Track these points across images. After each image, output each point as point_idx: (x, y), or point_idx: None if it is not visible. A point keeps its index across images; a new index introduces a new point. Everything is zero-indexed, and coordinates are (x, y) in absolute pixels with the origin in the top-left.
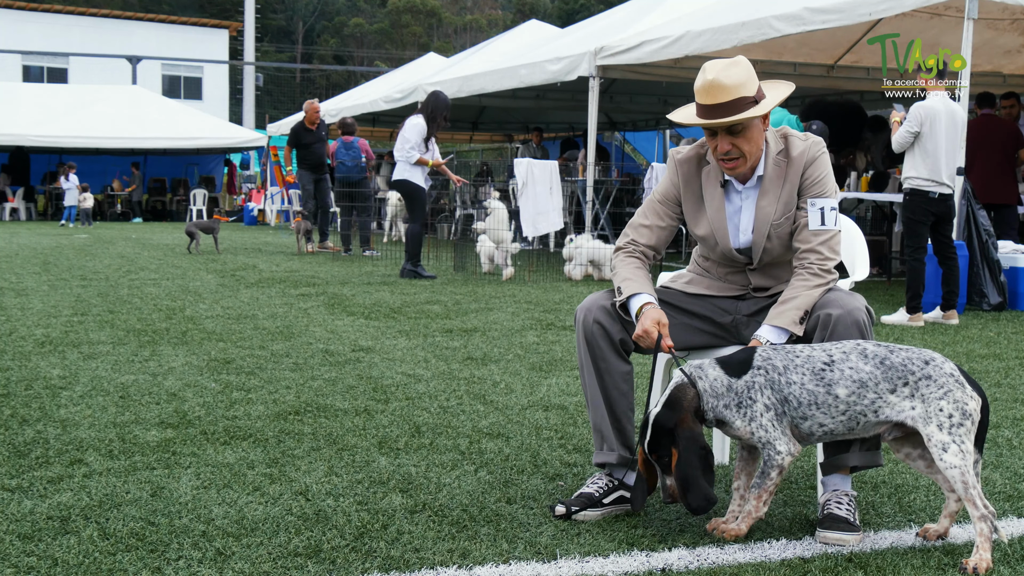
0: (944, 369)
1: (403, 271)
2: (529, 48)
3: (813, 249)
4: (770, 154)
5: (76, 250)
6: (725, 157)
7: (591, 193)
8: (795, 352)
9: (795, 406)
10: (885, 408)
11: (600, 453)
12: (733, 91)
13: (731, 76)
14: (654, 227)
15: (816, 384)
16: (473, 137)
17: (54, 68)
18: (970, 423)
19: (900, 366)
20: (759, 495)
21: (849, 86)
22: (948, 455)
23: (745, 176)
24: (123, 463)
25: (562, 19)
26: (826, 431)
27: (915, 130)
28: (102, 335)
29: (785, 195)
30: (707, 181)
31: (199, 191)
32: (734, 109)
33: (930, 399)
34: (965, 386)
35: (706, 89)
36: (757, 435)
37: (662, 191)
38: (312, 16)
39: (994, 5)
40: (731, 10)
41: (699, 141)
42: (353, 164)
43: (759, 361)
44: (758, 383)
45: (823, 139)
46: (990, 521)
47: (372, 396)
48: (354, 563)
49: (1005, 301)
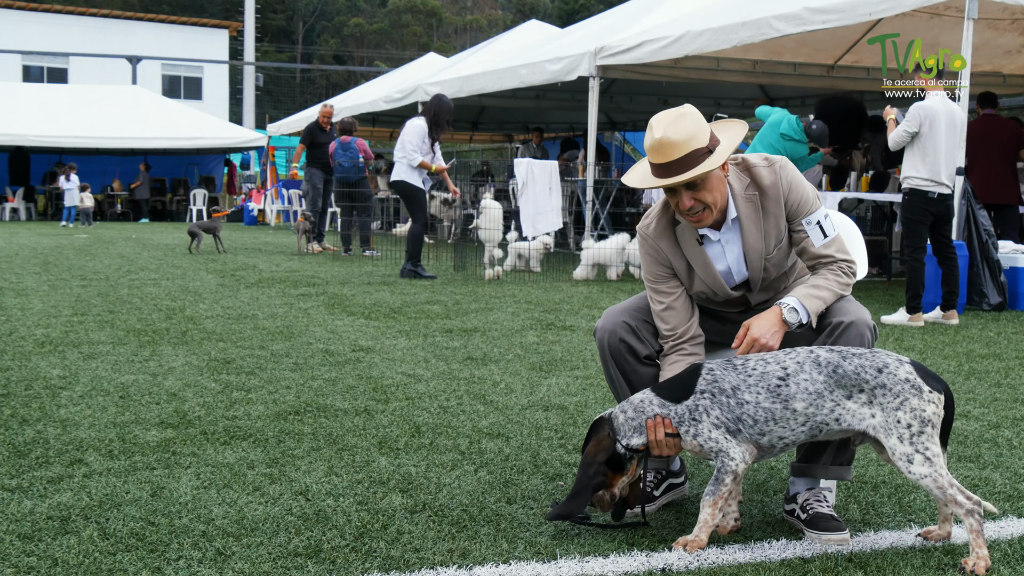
0: (898, 375)
1: (403, 271)
2: (529, 48)
3: (833, 258)
4: (738, 193)
5: (76, 250)
6: (689, 213)
7: (591, 193)
8: (747, 371)
9: (751, 424)
10: (846, 415)
11: None
12: (683, 146)
13: (679, 131)
14: (670, 307)
15: (772, 401)
16: (473, 137)
17: (54, 68)
18: (931, 428)
19: (853, 374)
20: (714, 502)
21: (849, 86)
22: (915, 466)
23: (718, 222)
24: (123, 463)
25: (562, 19)
26: (788, 443)
27: (913, 130)
28: (102, 335)
29: (771, 227)
30: (684, 241)
31: (199, 191)
32: (688, 164)
33: (888, 409)
34: (922, 389)
35: (656, 148)
36: (707, 447)
37: (651, 271)
38: (312, 16)
39: (994, 5)
40: (731, 10)
41: (660, 203)
42: (351, 164)
43: (703, 385)
44: (702, 406)
45: (823, 137)
46: (978, 513)
47: (372, 396)
48: (354, 563)
49: (1005, 301)
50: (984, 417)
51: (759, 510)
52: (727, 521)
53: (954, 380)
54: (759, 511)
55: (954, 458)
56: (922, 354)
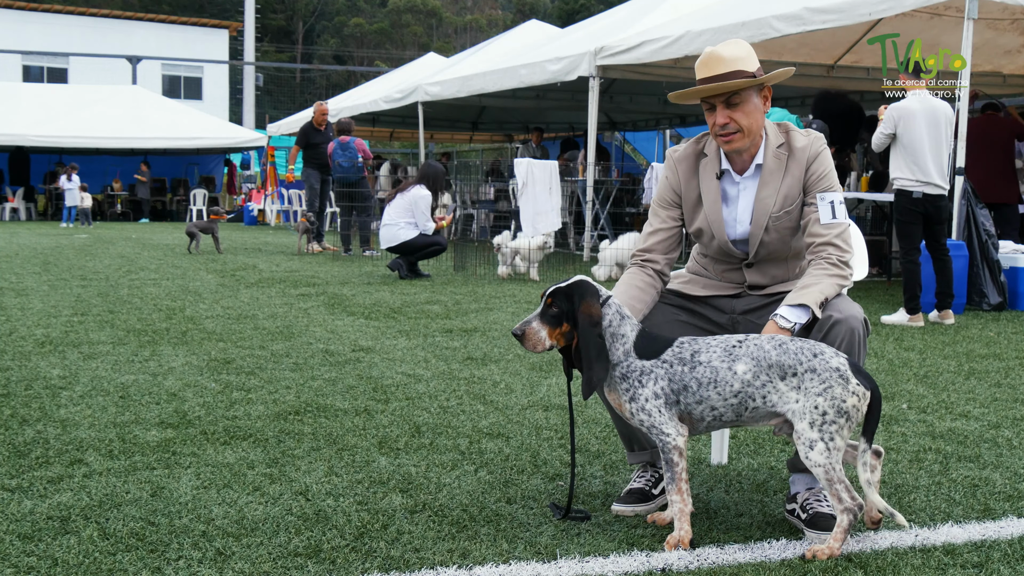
0: (830, 363)
1: (401, 271)
2: (529, 48)
3: (830, 242)
4: (770, 145)
5: (76, 250)
6: (723, 131)
7: (591, 193)
8: (709, 340)
9: (694, 389)
10: (772, 395)
11: (634, 454)
12: (731, 63)
13: (730, 49)
14: (656, 231)
15: (722, 360)
16: (473, 137)
17: (54, 68)
18: (844, 419)
19: (794, 353)
20: (677, 488)
21: (849, 86)
22: (814, 453)
23: (744, 164)
24: (123, 463)
25: (562, 19)
26: (716, 415)
27: (888, 131)
28: (102, 335)
29: (785, 188)
30: (704, 174)
31: (199, 191)
32: (731, 79)
33: (809, 393)
34: (848, 381)
35: (704, 61)
36: (638, 418)
37: (660, 193)
38: (312, 16)
39: (994, 5)
40: (731, 10)
41: (695, 137)
42: (349, 165)
43: (669, 355)
44: (656, 374)
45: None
46: (855, 513)
47: (372, 396)
48: (354, 563)
49: (1005, 301)
50: (984, 417)
51: (759, 510)
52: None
53: (954, 380)
54: (759, 511)
55: (954, 458)
56: (922, 354)
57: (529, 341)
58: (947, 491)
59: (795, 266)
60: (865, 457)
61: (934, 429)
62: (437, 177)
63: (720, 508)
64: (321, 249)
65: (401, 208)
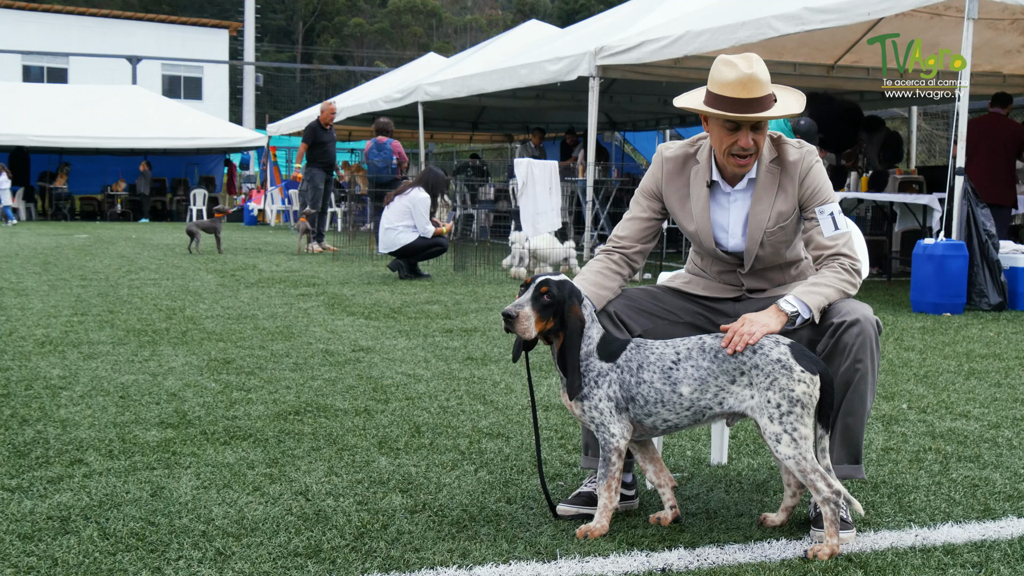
0: (771, 355)
1: (401, 272)
2: (529, 48)
3: (839, 252)
4: (763, 159)
5: (76, 250)
6: (742, 153)
7: (591, 193)
8: (650, 351)
9: (642, 404)
10: (729, 399)
11: (588, 459)
12: (767, 86)
13: (763, 72)
14: (634, 219)
15: (663, 383)
16: (473, 137)
17: (54, 68)
18: (800, 408)
19: (733, 358)
20: (608, 484)
21: (849, 86)
22: (781, 446)
23: (736, 177)
24: (123, 463)
25: (562, 19)
26: (671, 425)
27: None
28: (102, 335)
29: (780, 204)
30: (694, 180)
31: (199, 191)
32: (766, 104)
33: (760, 389)
34: (792, 370)
35: (743, 83)
36: (589, 415)
37: (643, 184)
38: (312, 16)
39: (994, 5)
40: (731, 10)
41: (689, 140)
42: (384, 165)
43: (622, 360)
44: (610, 377)
45: (811, 134)
46: (835, 502)
47: (372, 396)
48: (354, 563)
49: (1005, 301)
50: (984, 417)
51: (759, 510)
52: (666, 512)
53: (954, 380)
54: (759, 511)
55: (954, 458)
56: (922, 354)
57: (520, 325)
58: (947, 491)
59: (792, 269)
60: (824, 443)
61: (934, 429)
62: (437, 181)
63: (720, 508)
64: (321, 249)
65: (400, 211)
